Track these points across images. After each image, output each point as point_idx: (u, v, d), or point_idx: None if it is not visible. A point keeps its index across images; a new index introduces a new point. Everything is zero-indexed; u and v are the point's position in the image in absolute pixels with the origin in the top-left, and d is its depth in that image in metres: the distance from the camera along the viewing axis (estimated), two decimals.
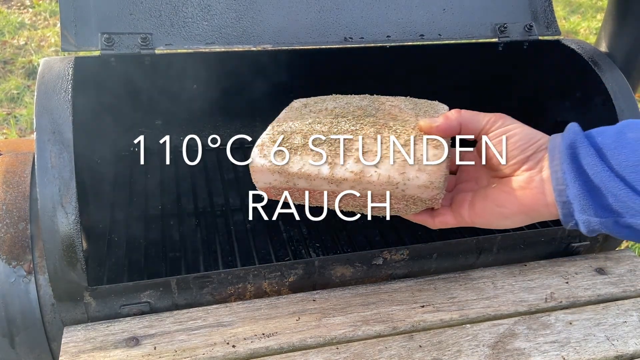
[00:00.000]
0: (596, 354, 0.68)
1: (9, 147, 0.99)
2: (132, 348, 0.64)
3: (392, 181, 0.55)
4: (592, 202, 0.45)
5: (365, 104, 0.65)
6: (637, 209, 0.43)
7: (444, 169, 0.55)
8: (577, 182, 0.45)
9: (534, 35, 0.90)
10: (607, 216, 0.45)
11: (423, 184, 0.54)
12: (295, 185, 0.59)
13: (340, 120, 0.61)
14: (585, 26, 3.09)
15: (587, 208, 0.46)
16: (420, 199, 0.56)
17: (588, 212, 0.46)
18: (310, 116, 0.63)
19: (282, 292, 0.74)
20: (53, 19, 2.76)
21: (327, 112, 0.64)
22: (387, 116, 0.61)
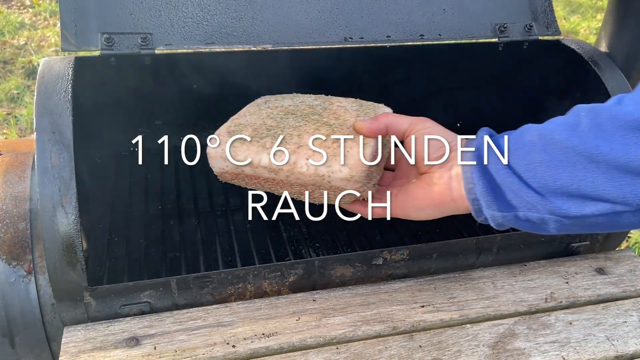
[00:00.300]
0: (596, 354, 0.68)
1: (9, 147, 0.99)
2: (132, 348, 0.64)
3: (318, 173, 0.63)
4: (495, 199, 0.50)
5: (316, 104, 0.72)
6: (532, 202, 0.48)
7: (364, 165, 0.62)
8: (482, 181, 0.50)
9: (534, 35, 0.90)
10: (508, 211, 0.50)
11: (345, 177, 0.62)
12: (242, 171, 0.67)
13: (289, 117, 0.69)
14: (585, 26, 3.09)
15: (491, 204, 0.50)
16: (344, 190, 0.64)
17: (492, 208, 0.50)
18: (265, 112, 0.73)
19: (282, 292, 0.74)
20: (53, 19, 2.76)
21: (281, 109, 0.73)
22: (331, 115, 0.69)
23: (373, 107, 0.72)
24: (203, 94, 1.01)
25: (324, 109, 0.71)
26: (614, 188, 0.43)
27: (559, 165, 0.46)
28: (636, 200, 0.42)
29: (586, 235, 0.85)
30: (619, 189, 0.43)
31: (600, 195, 0.44)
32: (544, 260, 0.83)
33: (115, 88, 0.85)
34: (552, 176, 0.46)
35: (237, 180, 0.71)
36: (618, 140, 0.42)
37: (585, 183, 0.44)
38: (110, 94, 0.87)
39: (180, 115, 1.03)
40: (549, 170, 0.46)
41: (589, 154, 0.44)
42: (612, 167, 0.43)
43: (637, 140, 0.41)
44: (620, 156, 0.42)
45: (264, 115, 0.72)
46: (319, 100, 0.73)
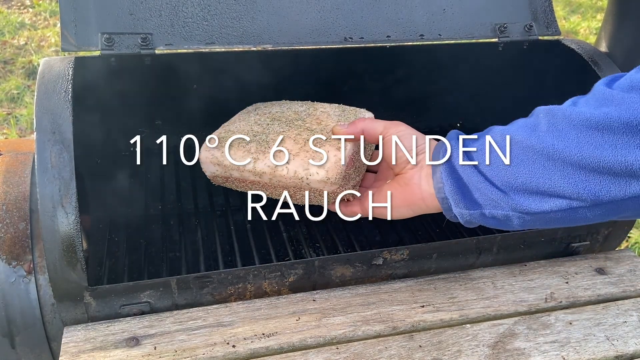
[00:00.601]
0: (596, 354, 0.68)
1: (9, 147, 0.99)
2: (132, 348, 0.64)
3: (297, 175, 0.66)
4: (462, 197, 0.53)
5: (301, 110, 0.76)
6: (496, 200, 0.50)
7: (340, 168, 0.65)
8: (450, 180, 0.53)
9: (534, 35, 0.90)
10: (475, 208, 0.53)
11: (322, 179, 0.65)
12: (231, 175, 0.71)
13: (275, 123, 0.73)
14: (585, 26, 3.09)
15: (459, 202, 0.53)
16: (323, 190, 0.67)
17: (460, 206, 0.53)
18: (254, 119, 0.76)
19: (282, 292, 0.74)
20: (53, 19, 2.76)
21: (268, 115, 0.77)
22: (314, 121, 0.72)
23: (354, 112, 0.75)
24: (203, 94, 1.01)
25: (308, 114, 0.74)
26: (570, 185, 0.45)
27: (519, 164, 0.49)
28: (590, 197, 0.45)
29: (586, 235, 0.85)
30: (573, 185, 0.45)
31: (557, 192, 0.46)
32: (544, 260, 0.83)
33: (115, 88, 0.85)
34: (514, 174, 0.49)
35: (228, 183, 0.74)
36: (572, 139, 0.45)
37: (543, 180, 0.47)
38: (110, 94, 0.87)
39: (181, 115, 1.03)
40: (510, 169, 0.49)
41: (546, 153, 0.46)
42: (567, 165, 0.45)
43: (589, 139, 0.44)
44: (574, 154, 0.44)
45: (252, 121, 0.75)
46: (305, 107, 0.77)
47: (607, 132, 0.43)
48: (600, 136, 0.43)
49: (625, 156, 0.42)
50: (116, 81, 0.83)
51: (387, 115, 1.17)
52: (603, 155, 0.43)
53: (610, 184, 0.43)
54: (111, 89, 0.85)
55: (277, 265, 0.71)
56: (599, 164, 0.43)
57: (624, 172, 0.42)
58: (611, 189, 0.44)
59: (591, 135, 0.44)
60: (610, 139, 0.42)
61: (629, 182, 0.43)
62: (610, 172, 0.43)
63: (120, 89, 0.86)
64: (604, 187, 0.44)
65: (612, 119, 0.42)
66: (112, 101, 0.90)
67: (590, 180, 0.44)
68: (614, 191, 0.44)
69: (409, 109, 1.15)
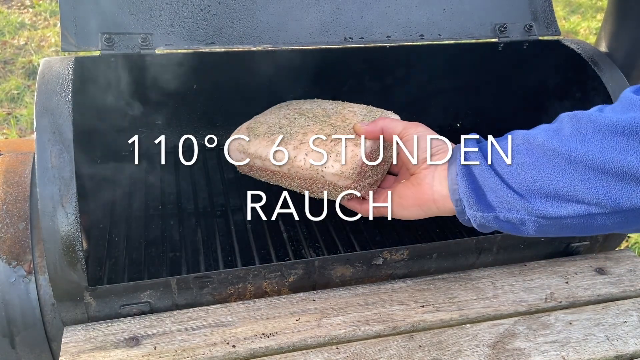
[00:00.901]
0: (596, 354, 0.68)
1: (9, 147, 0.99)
2: (132, 348, 0.64)
3: (313, 167, 0.69)
4: (476, 199, 0.52)
5: (329, 107, 0.78)
6: (512, 203, 0.50)
7: (355, 163, 0.67)
8: (465, 181, 0.53)
9: (534, 35, 0.90)
10: (489, 211, 0.52)
11: (336, 172, 0.67)
12: (255, 164, 0.75)
13: (302, 118, 0.75)
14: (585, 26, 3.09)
15: (473, 204, 0.52)
16: (338, 185, 0.69)
17: (474, 208, 0.52)
18: (283, 113, 0.79)
19: (282, 292, 0.74)
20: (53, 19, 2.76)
21: (297, 110, 0.79)
22: (339, 118, 0.74)
23: (380, 113, 0.76)
24: (203, 94, 1.01)
25: (335, 112, 0.76)
26: (589, 190, 0.45)
27: (539, 167, 0.48)
28: (610, 203, 0.44)
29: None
30: (593, 190, 0.44)
31: (576, 197, 0.46)
32: (543, 260, 0.83)
33: (115, 88, 0.85)
34: (532, 177, 0.48)
35: (252, 172, 0.78)
36: (596, 143, 0.44)
37: (562, 184, 0.46)
38: (110, 94, 0.87)
39: (181, 115, 1.03)
40: (529, 171, 0.48)
41: (567, 156, 0.46)
42: (588, 169, 0.44)
43: (614, 144, 0.43)
44: (597, 158, 0.44)
45: (281, 115, 0.78)
46: (333, 105, 0.79)
47: (633, 137, 0.42)
48: (626, 141, 0.42)
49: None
50: (116, 81, 0.83)
51: None
52: (627, 161, 0.42)
53: (632, 190, 0.43)
54: (111, 89, 0.85)
55: (277, 265, 0.71)
56: (623, 169, 0.42)
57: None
58: (632, 196, 0.43)
59: (616, 140, 0.43)
60: (636, 144, 0.42)
61: None
62: (633, 178, 0.42)
63: (120, 89, 0.86)
64: (625, 193, 0.43)
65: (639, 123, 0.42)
66: (112, 101, 0.90)
67: (612, 185, 0.43)
68: (635, 198, 0.43)
69: (409, 109, 1.15)
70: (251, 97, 1.03)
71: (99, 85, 0.81)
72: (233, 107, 1.04)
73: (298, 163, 0.70)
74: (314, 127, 0.73)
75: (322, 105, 0.79)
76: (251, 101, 1.03)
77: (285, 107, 0.82)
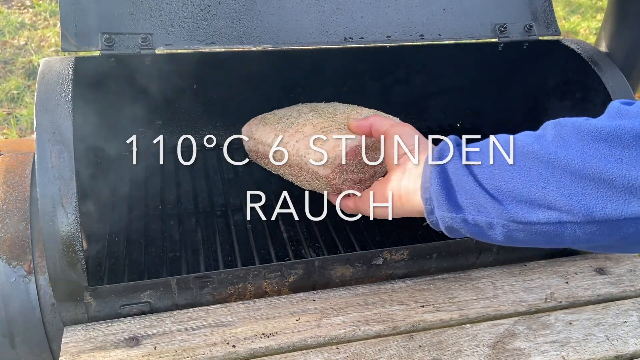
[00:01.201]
0: (596, 354, 0.68)
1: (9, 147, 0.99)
2: (132, 348, 0.64)
3: (299, 153, 0.72)
4: (447, 199, 0.51)
5: (341, 108, 0.81)
6: (483, 204, 0.48)
7: (336, 153, 0.69)
8: (437, 179, 0.51)
9: (534, 36, 0.90)
10: (458, 212, 0.50)
11: (316, 159, 0.70)
12: (258, 149, 0.81)
13: (310, 113, 0.79)
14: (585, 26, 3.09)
15: (442, 204, 0.51)
16: (318, 175, 0.72)
17: (443, 208, 0.51)
18: (297, 108, 0.83)
19: (282, 292, 0.74)
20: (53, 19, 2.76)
21: (311, 107, 0.83)
22: (343, 116, 0.77)
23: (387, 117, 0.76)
24: (203, 94, 1.01)
25: (344, 112, 0.79)
26: (563, 196, 0.43)
27: (515, 169, 0.47)
28: (582, 211, 0.42)
29: None
30: (567, 196, 0.43)
31: (548, 202, 0.44)
32: (543, 260, 0.83)
33: (115, 88, 0.85)
34: (506, 179, 0.47)
35: (259, 159, 0.84)
36: (577, 149, 0.43)
37: (536, 188, 0.45)
38: (110, 94, 0.87)
39: (181, 115, 1.03)
40: (505, 173, 0.47)
41: (546, 159, 0.45)
42: (566, 174, 0.43)
43: (595, 150, 0.42)
44: (576, 163, 0.42)
45: (294, 110, 0.83)
46: (346, 107, 0.82)
47: (615, 144, 0.41)
48: (608, 148, 0.41)
49: (629, 170, 0.40)
50: (116, 81, 0.84)
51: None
52: (607, 167, 0.41)
53: (607, 199, 0.41)
54: (111, 89, 0.85)
55: (277, 265, 0.71)
56: (601, 176, 0.41)
57: (625, 187, 0.40)
58: (607, 205, 0.41)
59: (598, 146, 0.42)
60: (618, 152, 0.41)
61: (627, 200, 0.40)
62: (609, 185, 0.41)
63: (120, 89, 0.86)
64: (599, 202, 0.42)
65: (625, 130, 0.41)
66: (112, 101, 0.90)
67: (587, 193, 0.42)
68: (610, 208, 0.41)
69: (409, 109, 1.15)
70: (251, 97, 1.03)
71: (99, 85, 0.81)
72: (233, 107, 1.04)
73: (287, 147, 0.74)
74: (315, 120, 0.76)
75: (336, 106, 0.82)
76: (251, 101, 1.03)
77: (301, 105, 0.86)
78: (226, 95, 1.01)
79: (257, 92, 1.02)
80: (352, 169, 0.72)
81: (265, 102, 1.03)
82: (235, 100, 1.03)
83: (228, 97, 1.02)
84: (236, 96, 1.02)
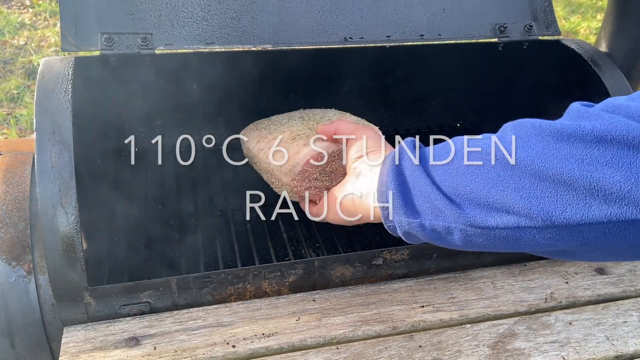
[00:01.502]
0: (596, 354, 0.68)
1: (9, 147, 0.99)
2: (132, 348, 0.64)
3: (267, 160, 0.77)
4: (403, 202, 0.49)
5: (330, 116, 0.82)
6: (440, 207, 0.46)
7: (297, 160, 0.71)
8: (395, 183, 0.49)
9: (534, 35, 0.90)
10: (415, 217, 0.48)
11: (278, 165, 0.74)
12: (247, 153, 0.86)
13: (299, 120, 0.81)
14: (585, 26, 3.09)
15: (399, 208, 0.49)
16: (282, 181, 0.75)
17: (400, 213, 0.49)
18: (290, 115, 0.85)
19: (282, 292, 0.74)
20: (53, 19, 2.76)
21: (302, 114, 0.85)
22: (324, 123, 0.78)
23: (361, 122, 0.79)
24: (203, 94, 1.01)
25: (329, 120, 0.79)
26: (521, 199, 0.42)
27: (473, 172, 0.45)
28: (540, 214, 0.41)
29: None
30: (526, 200, 0.41)
31: (506, 206, 0.43)
32: (544, 260, 0.83)
33: (115, 88, 0.85)
34: (464, 181, 0.45)
35: (252, 163, 0.87)
36: (537, 150, 0.41)
37: (494, 191, 0.43)
38: (110, 94, 0.87)
39: (181, 115, 1.03)
40: (463, 176, 0.46)
41: (505, 161, 0.43)
42: (525, 175, 0.42)
43: (556, 151, 0.40)
44: (537, 164, 0.41)
45: (288, 116, 0.85)
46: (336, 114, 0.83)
47: (577, 145, 0.39)
48: (569, 148, 0.40)
49: (591, 172, 0.38)
50: (116, 81, 0.83)
51: (387, 115, 1.18)
52: (568, 169, 0.39)
53: (567, 202, 0.39)
54: (111, 89, 0.85)
55: (277, 265, 0.71)
56: (561, 177, 0.39)
57: (586, 189, 0.38)
58: (566, 209, 0.39)
59: (559, 146, 0.40)
60: (579, 152, 0.39)
61: (588, 204, 0.39)
62: (570, 187, 0.39)
63: (120, 89, 0.86)
64: (559, 205, 0.40)
65: (585, 131, 0.39)
66: (112, 101, 0.90)
67: (547, 196, 0.40)
68: (570, 212, 0.39)
69: (409, 109, 1.15)
70: (251, 97, 1.03)
71: (98, 85, 0.81)
72: (232, 107, 1.04)
73: (261, 156, 0.78)
74: (295, 127, 0.78)
75: (328, 113, 0.83)
76: (251, 101, 1.03)
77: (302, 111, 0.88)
78: (226, 95, 1.01)
79: (257, 92, 1.02)
80: (314, 176, 0.72)
81: (264, 102, 1.03)
82: (235, 100, 1.03)
83: (228, 97, 1.01)
84: (236, 96, 1.02)
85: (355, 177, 0.57)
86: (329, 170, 0.73)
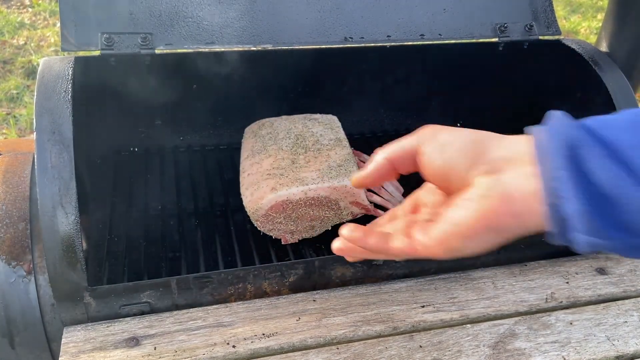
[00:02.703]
0: (597, 354, 0.68)
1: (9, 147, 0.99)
2: (132, 348, 0.64)
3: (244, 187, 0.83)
4: (601, 220, 0.34)
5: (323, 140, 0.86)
6: None
7: (262, 205, 0.76)
8: (580, 195, 0.34)
9: (534, 35, 0.90)
10: (620, 237, 0.34)
11: (245, 199, 0.81)
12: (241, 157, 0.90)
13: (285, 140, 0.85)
14: (585, 26, 3.09)
15: (593, 228, 0.34)
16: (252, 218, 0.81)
17: (594, 233, 0.34)
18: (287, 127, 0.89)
19: (282, 292, 0.74)
20: (53, 19, 2.76)
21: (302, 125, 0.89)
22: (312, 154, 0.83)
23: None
24: (203, 94, 1.01)
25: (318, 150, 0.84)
26: None
27: None
28: None
29: None
30: None
31: None
32: (544, 260, 0.83)
33: (115, 88, 0.85)
34: None
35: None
36: None
37: None
38: (110, 94, 0.87)
39: (181, 115, 1.03)
40: None
41: None
42: None
43: None
44: None
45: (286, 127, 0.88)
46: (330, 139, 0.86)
47: None
48: None
49: None
50: (116, 81, 0.83)
51: (387, 115, 1.18)
52: None
53: None
54: (111, 89, 0.85)
55: (277, 265, 0.71)
56: None
57: None
58: None
59: None
60: None
61: None
62: None
63: (120, 89, 0.86)
64: None
65: None
66: (112, 101, 0.90)
67: None
68: None
69: (409, 109, 1.15)
70: (251, 97, 1.03)
71: (99, 85, 0.81)
72: (233, 107, 1.04)
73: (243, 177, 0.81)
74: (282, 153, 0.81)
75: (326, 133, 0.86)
76: (251, 101, 1.03)
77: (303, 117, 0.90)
78: (226, 95, 1.01)
79: (257, 92, 1.02)
80: (278, 220, 0.74)
81: (264, 102, 1.03)
82: (235, 100, 1.03)
83: (228, 97, 1.01)
84: (236, 96, 1.02)
85: (489, 185, 0.38)
86: (294, 216, 0.75)
